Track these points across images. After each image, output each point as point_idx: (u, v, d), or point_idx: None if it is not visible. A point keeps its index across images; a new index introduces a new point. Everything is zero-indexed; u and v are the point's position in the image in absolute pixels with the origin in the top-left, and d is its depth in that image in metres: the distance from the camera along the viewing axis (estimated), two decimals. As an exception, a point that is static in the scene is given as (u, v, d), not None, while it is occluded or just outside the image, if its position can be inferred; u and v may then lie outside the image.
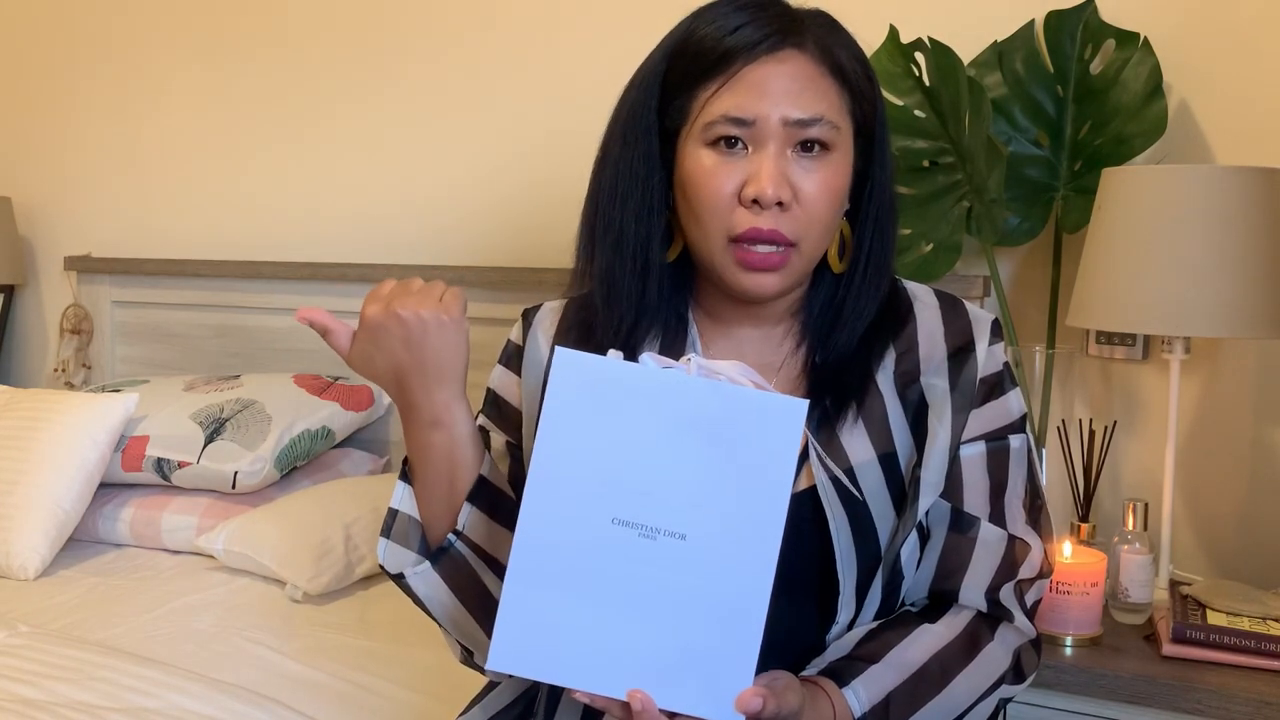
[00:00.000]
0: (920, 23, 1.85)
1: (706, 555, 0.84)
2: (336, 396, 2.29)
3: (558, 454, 0.84)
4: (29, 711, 1.34)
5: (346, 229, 2.49)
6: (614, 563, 0.84)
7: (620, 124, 1.05)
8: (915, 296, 1.10)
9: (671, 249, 1.07)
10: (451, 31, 2.36)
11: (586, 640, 0.84)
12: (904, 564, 1.03)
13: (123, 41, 2.73)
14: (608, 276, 1.06)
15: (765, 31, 0.99)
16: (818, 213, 0.99)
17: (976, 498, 1.06)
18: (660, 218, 1.04)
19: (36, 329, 2.91)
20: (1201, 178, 1.54)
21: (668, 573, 0.84)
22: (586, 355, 0.86)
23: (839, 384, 1.04)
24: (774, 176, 0.97)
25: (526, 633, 0.84)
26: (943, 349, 1.06)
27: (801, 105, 0.98)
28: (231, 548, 1.92)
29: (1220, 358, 1.80)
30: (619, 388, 0.85)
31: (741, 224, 0.98)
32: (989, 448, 1.07)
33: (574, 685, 0.84)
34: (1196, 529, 1.82)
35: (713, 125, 0.99)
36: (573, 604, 0.84)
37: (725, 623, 0.84)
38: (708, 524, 0.84)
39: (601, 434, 0.84)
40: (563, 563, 0.84)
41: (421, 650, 1.64)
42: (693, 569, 0.84)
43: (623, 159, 1.04)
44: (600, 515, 0.84)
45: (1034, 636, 1.08)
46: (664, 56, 1.03)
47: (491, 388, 1.16)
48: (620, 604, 0.84)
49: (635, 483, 0.84)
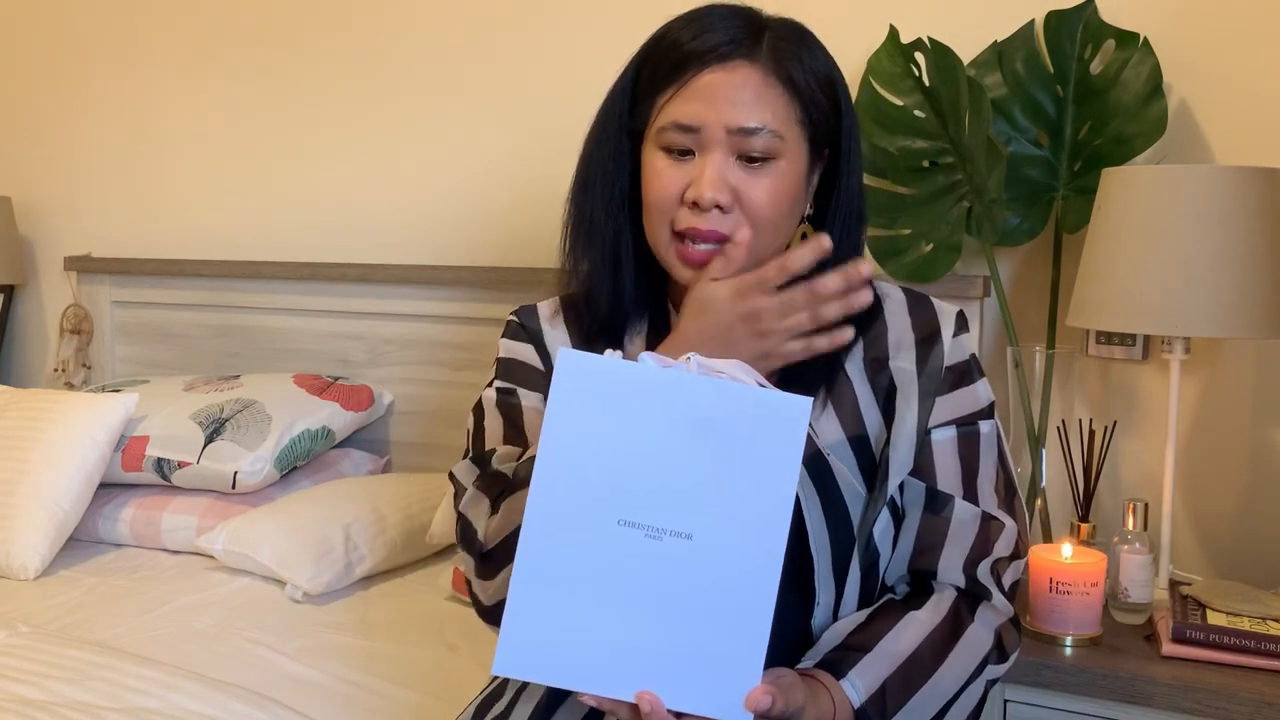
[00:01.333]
0: (920, 23, 1.85)
1: (713, 555, 0.84)
2: (336, 396, 2.29)
3: (562, 456, 0.84)
4: (29, 711, 1.34)
5: (346, 229, 2.49)
6: (620, 564, 0.84)
7: (597, 125, 1.13)
8: (885, 294, 1.15)
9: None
10: (452, 31, 2.36)
11: (593, 642, 0.84)
12: (878, 542, 1.07)
13: (123, 42, 2.73)
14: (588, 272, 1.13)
15: (720, 40, 1.04)
16: (761, 217, 1.05)
17: (949, 479, 1.10)
18: (627, 212, 1.11)
19: (36, 329, 2.91)
20: (1201, 178, 1.54)
21: (674, 573, 0.84)
22: (591, 356, 0.86)
23: (806, 370, 1.08)
24: (713, 181, 1.03)
25: (533, 636, 0.83)
26: (910, 336, 1.12)
27: (745, 114, 1.03)
28: (231, 548, 1.92)
29: (1220, 358, 1.80)
30: (623, 388, 0.85)
31: (682, 222, 1.05)
32: (959, 432, 1.11)
33: (581, 688, 0.84)
34: (1196, 529, 1.82)
35: (664, 131, 1.05)
36: (579, 606, 0.84)
37: (732, 622, 0.84)
38: (714, 523, 0.84)
39: (606, 435, 0.84)
40: (569, 565, 0.84)
41: (421, 650, 1.64)
42: (699, 569, 0.84)
43: (595, 157, 1.12)
44: (606, 517, 0.84)
45: (1013, 615, 1.11)
46: (637, 62, 1.10)
47: (503, 357, 1.19)
48: (627, 605, 0.84)
49: (640, 483, 0.84)
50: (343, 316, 2.46)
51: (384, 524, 1.97)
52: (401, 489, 2.10)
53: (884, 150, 1.86)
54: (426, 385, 2.38)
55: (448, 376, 2.34)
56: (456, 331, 2.32)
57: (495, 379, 1.19)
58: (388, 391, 2.39)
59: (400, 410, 2.41)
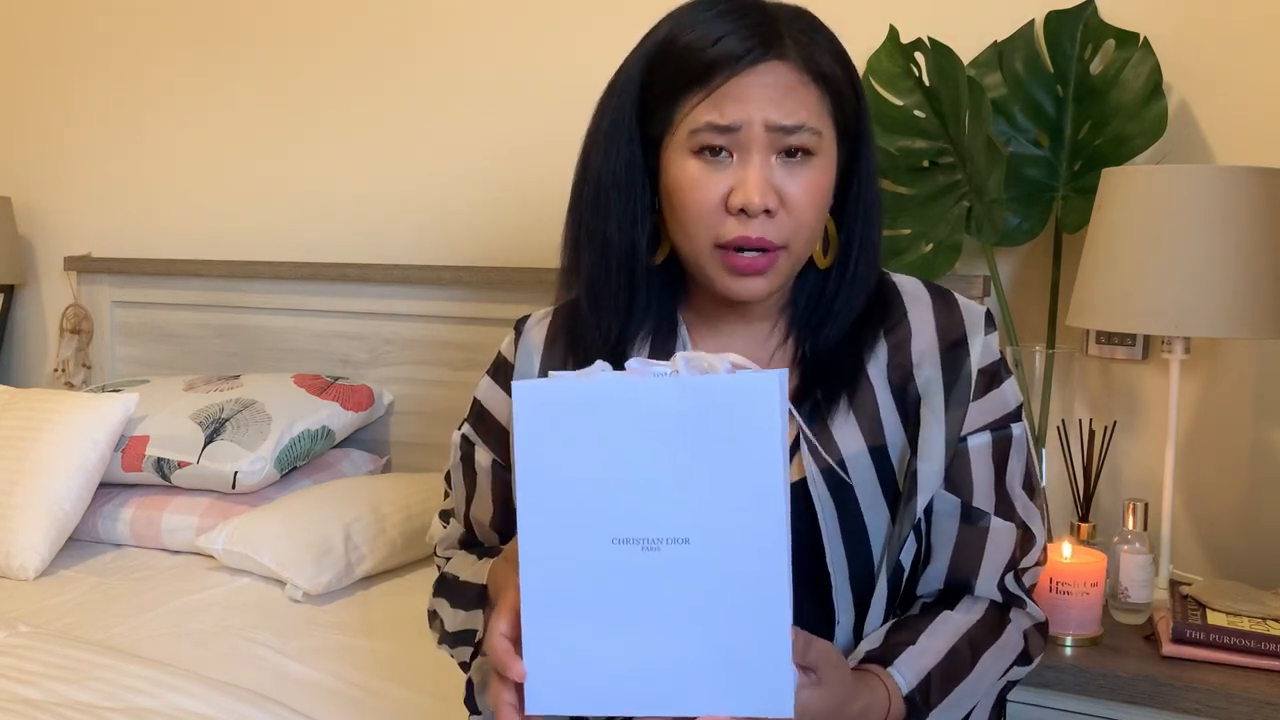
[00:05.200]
0: (920, 23, 1.85)
1: (715, 554, 0.81)
2: (336, 396, 2.29)
3: (541, 486, 0.82)
4: (29, 711, 1.34)
5: (346, 229, 2.49)
6: (624, 582, 0.81)
7: (601, 132, 1.06)
8: (905, 290, 1.11)
9: (659, 252, 1.07)
10: (453, 30, 2.36)
11: (617, 664, 0.82)
12: (903, 563, 1.04)
13: (122, 41, 2.73)
14: (594, 284, 1.06)
15: (748, 44, 0.99)
16: (804, 217, 1.00)
17: (983, 489, 1.07)
18: (645, 225, 1.05)
19: (36, 329, 2.91)
20: (1201, 178, 1.54)
21: (680, 580, 0.81)
22: (544, 382, 0.83)
23: (830, 375, 1.05)
24: (760, 185, 0.98)
25: (557, 670, 0.82)
26: (936, 342, 1.07)
27: (784, 113, 0.98)
28: (231, 548, 1.92)
29: (1220, 358, 1.80)
30: (586, 407, 0.82)
31: (729, 232, 0.99)
32: (994, 438, 1.08)
33: (624, 712, 0.83)
34: (1196, 529, 1.82)
35: (697, 133, 0.99)
36: (593, 631, 0.82)
37: (750, 616, 0.81)
38: (709, 522, 0.81)
39: (581, 457, 0.82)
40: (573, 592, 0.82)
41: (421, 650, 1.64)
42: (704, 571, 0.81)
43: (605, 168, 1.05)
44: (599, 538, 0.81)
45: (1043, 620, 1.10)
46: (644, 63, 1.03)
47: (479, 399, 1.17)
48: (641, 621, 0.81)
49: (626, 497, 0.82)
50: (343, 316, 2.46)
51: (384, 524, 1.97)
52: (401, 489, 2.10)
53: (884, 150, 1.86)
54: (426, 385, 2.38)
55: (448, 376, 2.34)
56: (457, 331, 2.33)
57: (468, 416, 1.18)
58: (388, 391, 2.39)
59: (400, 410, 2.41)
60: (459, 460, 1.18)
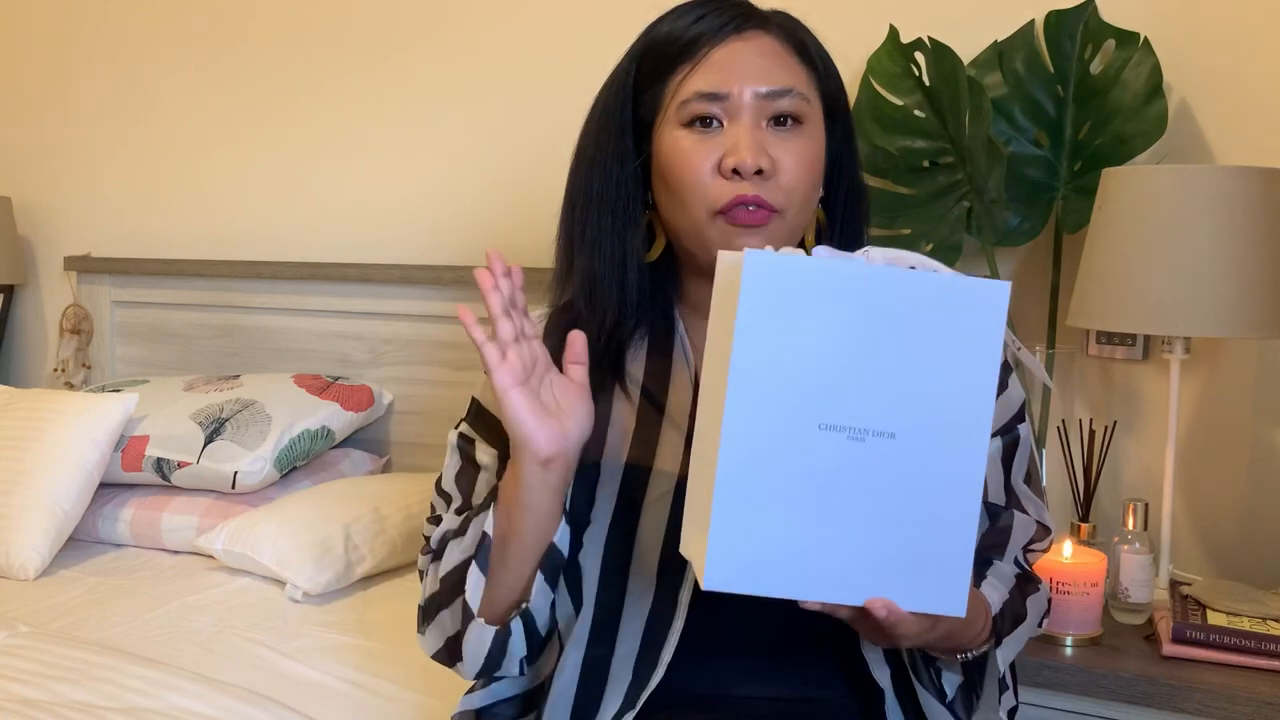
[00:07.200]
0: (920, 23, 1.85)
1: (917, 452, 0.81)
2: (336, 396, 2.28)
3: (756, 363, 0.80)
4: (29, 711, 1.34)
5: (347, 229, 2.49)
6: (825, 468, 0.81)
7: (594, 125, 1.09)
8: None
9: (653, 249, 1.08)
10: (453, 30, 2.36)
11: (803, 549, 0.82)
12: None
13: (122, 42, 2.73)
14: (589, 278, 1.08)
15: (729, 16, 1.03)
16: (796, 182, 1.01)
17: (994, 490, 1.10)
18: (637, 213, 1.07)
19: (36, 329, 2.91)
20: (1201, 178, 1.54)
21: (880, 473, 0.81)
22: (778, 255, 0.82)
23: None
24: (751, 145, 0.99)
25: (742, 549, 0.81)
26: None
27: (771, 78, 1.01)
28: (231, 548, 1.92)
29: (1220, 358, 1.80)
30: (814, 287, 0.80)
31: (725, 195, 1.00)
32: (1004, 441, 1.10)
33: (799, 595, 0.83)
34: (1196, 529, 1.82)
35: (687, 104, 1.01)
36: (787, 514, 0.81)
37: (941, 517, 0.82)
38: (916, 420, 0.81)
39: (800, 337, 0.80)
40: (772, 474, 0.81)
41: (421, 650, 1.64)
42: (904, 467, 0.81)
43: (597, 160, 1.07)
44: (806, 421, 0.81)
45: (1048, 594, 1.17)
46: (631, 59, 1.07)
47: (477, 399, 1.17)
48: (834, 509, 0.81)
49: (839, 384, 0.81)
50: (342, 316, 2.46)
51: (384, 524, 1.97)
52: (401, 489, 2.10)
53: (884, 150, 1.86)
54: (426, 385, 2.37)
55: (448, 376, 2.34)
56: (457, 331, 2.32)
57: (467, 415, 1.17)
58: (388, 391, 2.39)
59: (400, 410, 2.41)
60: (458, 459, 1.18)
